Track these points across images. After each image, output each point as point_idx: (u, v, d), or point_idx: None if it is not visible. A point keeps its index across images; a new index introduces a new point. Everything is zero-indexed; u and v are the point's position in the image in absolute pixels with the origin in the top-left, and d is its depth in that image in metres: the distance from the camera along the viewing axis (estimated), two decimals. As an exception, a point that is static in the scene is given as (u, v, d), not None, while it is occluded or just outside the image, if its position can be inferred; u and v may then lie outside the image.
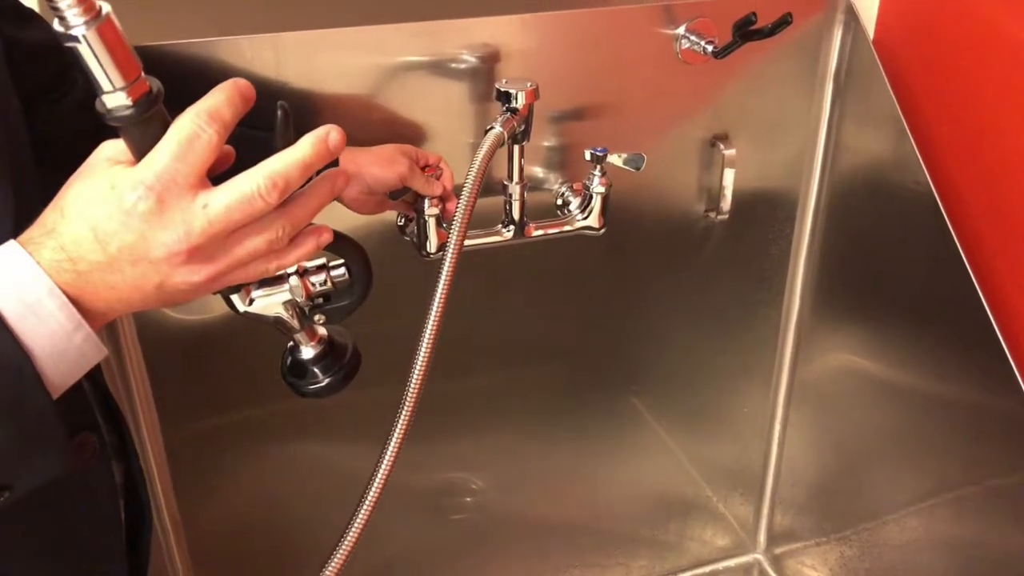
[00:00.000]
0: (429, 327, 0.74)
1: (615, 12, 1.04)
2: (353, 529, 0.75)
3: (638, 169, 0.97)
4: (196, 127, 0.46)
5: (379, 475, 0.74)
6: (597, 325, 1.27)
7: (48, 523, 0.60)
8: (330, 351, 0.66)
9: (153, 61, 0.48)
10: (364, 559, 1.33)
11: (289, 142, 0.49)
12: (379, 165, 0.90)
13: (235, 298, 0.58)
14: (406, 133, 1.02)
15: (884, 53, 1.10)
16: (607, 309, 1.26)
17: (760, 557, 1.54)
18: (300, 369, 0.66)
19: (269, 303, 0.59)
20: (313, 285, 0.60)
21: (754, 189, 1.21)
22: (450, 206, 0.95)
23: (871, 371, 1.25)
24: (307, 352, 0.65)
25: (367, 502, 0.75)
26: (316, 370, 0.65)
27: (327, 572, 0.77)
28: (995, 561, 1.08)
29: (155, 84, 0.47)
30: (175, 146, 0.46)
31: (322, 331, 0.66)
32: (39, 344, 0.46)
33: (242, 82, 0.48)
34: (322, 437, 1.21)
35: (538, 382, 1.29)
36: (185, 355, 1.08)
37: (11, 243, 0.47)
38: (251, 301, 0.59)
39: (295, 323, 0.62)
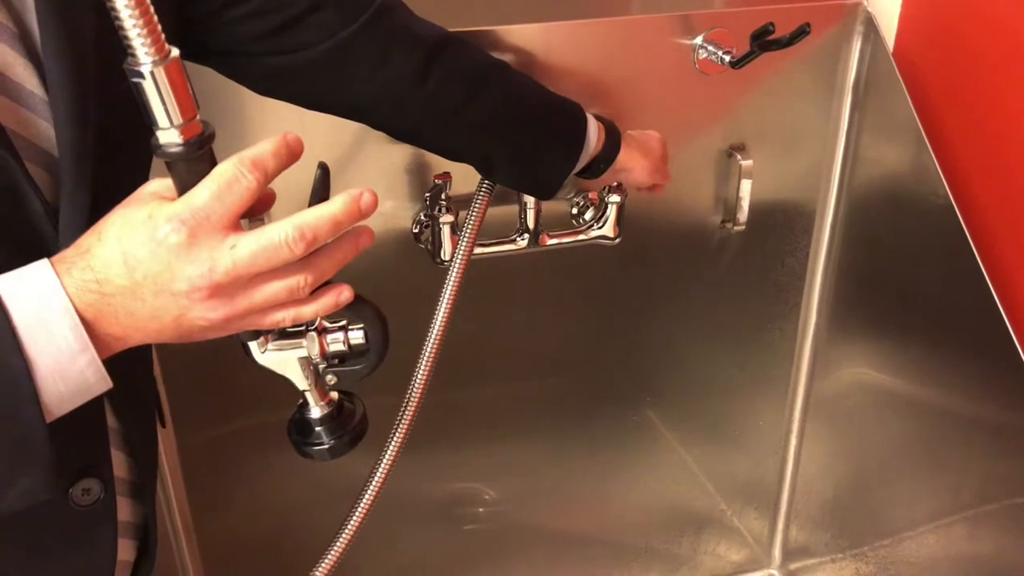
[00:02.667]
0: (436, 329, 0.74)
1: (634, 22, 1.05)
2: (344, 535, 0.75)
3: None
4: (237, 172, 0.48)
5: (375, 481, 0.74)
6: (612, 336, 1.27)
7: (39, 561, 0.60)
8: (338, 414, 0.66)
9: None
10: (376, 566, 1.34)
11: (324, 199, 0.51)
12: (648, 174, 0.96)
13: (253, 345, 0.59)
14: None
15: (904, 64, 1.10)
16: (622, 320, 1.26)
17: (775, 573, 1.52)
18: (306, 428, 0.66)
19: (284, 356, 0.60)
20: (329, 344, 0.60)
21: (771, 200, 1.21)
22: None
23: (888, 385, 1.24)
24: (315, 412, 0.65)
25: (359, 510, 0.75)
26: (321, 431, 0.65)
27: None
28: (1014, 578, 1.07)
29: (208, 127, 0.49)
30: (214, 186, 0.47)
31: (333, 394, 0.66)
32: (43, 360, 0.47)
33: (292, 136, 0.50)
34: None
35: (552, 393, 1.29)
36: (200, 363, 1.09)
37: (43, 261, 0.49)
38: (268, 353, 0.59)
39: (307, 381, 0.62)
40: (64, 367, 0.48)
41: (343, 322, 0.61)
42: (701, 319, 1.28)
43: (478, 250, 1.00)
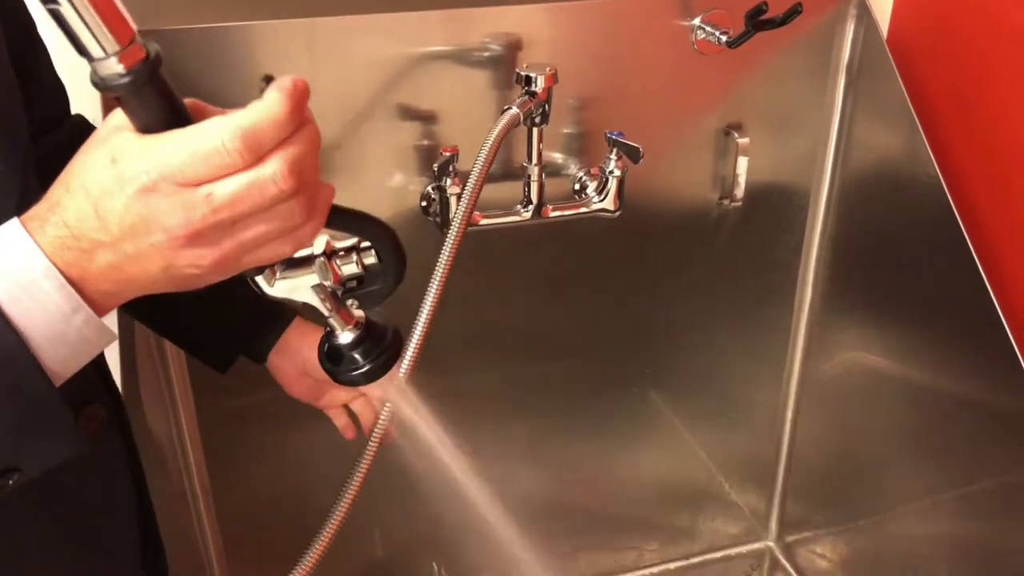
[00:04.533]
0: (435, 284, 0.75)
1: (634, 3, 1.07)
2: (337, 512, 0.76)
3: (635, 161, 1.00)
4: (224, 147, 0.42)
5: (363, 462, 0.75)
6: (611, 313, 1.29)
7: (62, 495, 0.59)
8: (368, 335, 0.61)
9: (181, 44, 0.48)
10: (383, 541, 1.37)
11: None
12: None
13: (260, 280, 0.55)
14: (428, 117, 1.06)
15: (897, 47, 1.12)
16: (621, 297, 1.28)
17: (772, 544, 1.55)
18: (337, 355, 0.61)
19: (295, 285, 0.56)
20: (341, 269, 0.56)
21: (767, 179, 1.23)
22: None
23: (881, 364, 1.26)
24: (344, 337, 0.61)
25: (351, 486, 0.76)
26: (355, 355, 0.61)
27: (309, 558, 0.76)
28: (1003, 554, 1.09)
29: (152, 48, 0.43)
30: (188, 155, 0.42)
31: (359, 314, 0.61)
32: (35, 328, 0.44)
33: (300, 81, 0.44)
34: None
35: (553, 370, 1.32)
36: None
37: (12, 221, 0.45)
38: (278, 286, 0.55)
39: (327, 307, 0.58)
40: (59, 331, 0.45)
41: (352, 242, 0.57)
42: (699, 295, 1.30)
43: (483, 221, 1.03)
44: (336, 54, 1.00)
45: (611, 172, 1.03)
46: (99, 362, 0.66)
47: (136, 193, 0.43)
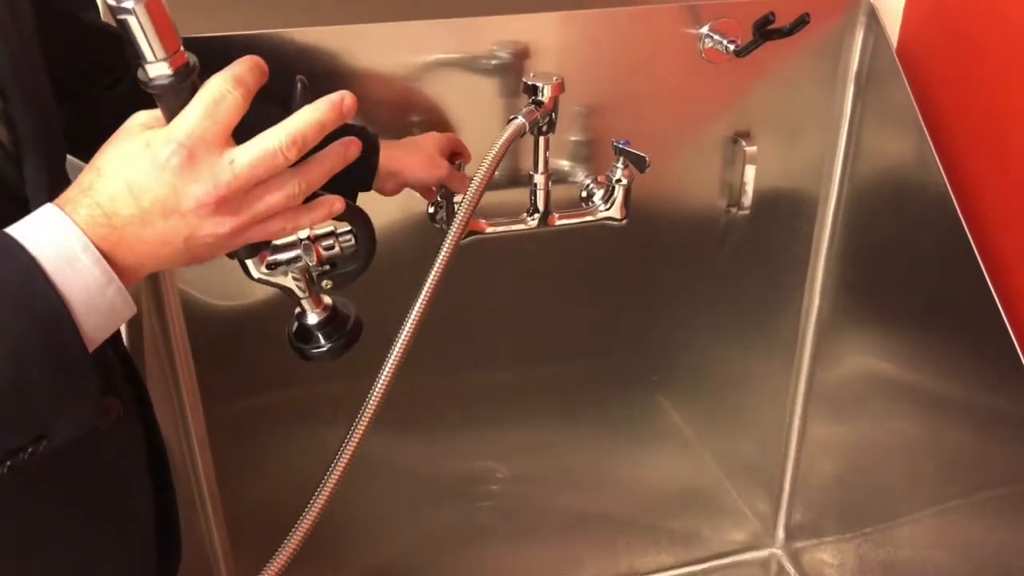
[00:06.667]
0: (429, 281, 0.77)
1: (641, 12, 1.08)
2: (317, 503, 0.78)
3: (641, 171, 1.00)
4: (223, 89, 0.50)
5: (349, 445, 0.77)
6: (620, 319, 1.29)
7: (77, 485, 0.62)
8: (334, 318, 0.69)
9: (199, 51, 0.53)
10: (390, 542, 1.38)
11: None
12: (422, 168, 0.97)
13: (250, 263, 0.62)
14: (437, 126, 1.06)
15: (906, 56, 1.12)
16: (630, 303, 1.28)
17: (778, 551, 1.54)
18: (305, 334, 0.69)
19: (281, 268, 0.63)
20: (324, 251, 0.63)
21: (775, 187, 1.23)
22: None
23: (888, 371, 1.26)
24: (312, 318, 0.69)
25: (332, 477, 0.78)
26: (320, 335, 0.69)
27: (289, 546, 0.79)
28: (1014, 563, 1.08)
29: (192, 58, 0.51)
30: (204, 107, 0.50)
31: (327, 299, 0.69)
32: (75, 295, 0.49)
33: (257, 57, 0.52)
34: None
35: (562, 375, 1.32)
36: (227, 337, 1.13)
37: (48, 204, 0.50)
38: (265, 267, 0.62)
39: (304, 289, 0.66)
40: (95, 299, 0.50)
41: (331, 227, 0.63)
42: (708, 302, 1.30)
43: (489, 229, 1.03)
44: (345, 62, 1.00)
45: (618, 180, 1.03)
46: (123, 355, 0.71)
47: (169, 166, 0.49)
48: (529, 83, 0.93)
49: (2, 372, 0.47)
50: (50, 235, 0.49)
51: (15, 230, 0.49)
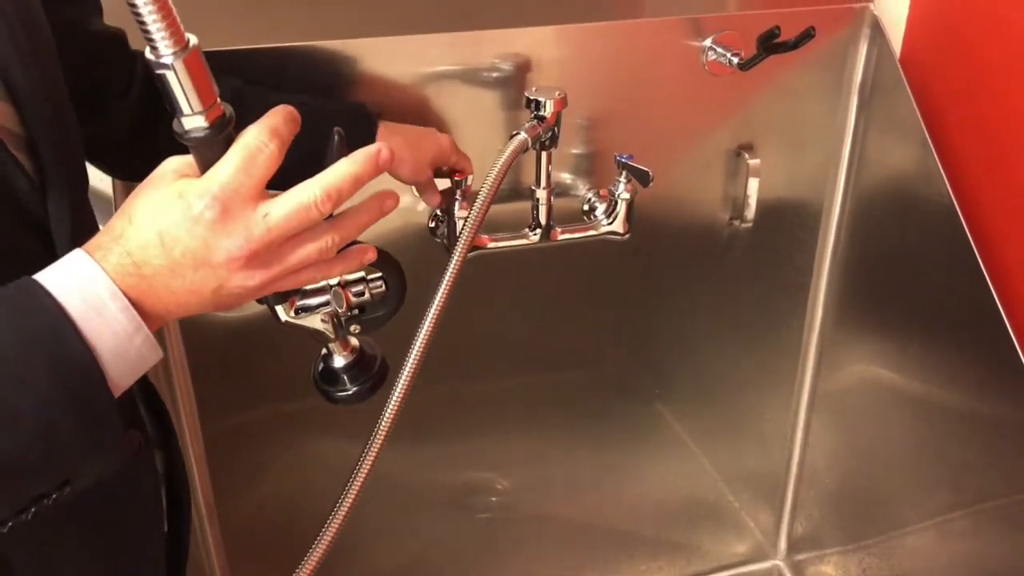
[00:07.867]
0: (431, 314, 0.77)
1: (644, 24, 1.07)
2: (334, 523, 0.77)
3: (644, 185, 1.00)
4: (259, 142, 0.50)
5: (363, 468, 0.76)
6: (622, 331, 1.29)
7: (93, 514, 0.62)
8: (360, 361, 0.69)
9: (209, 62, 0.52)
10: (390, 553, 1.37)
11: None
12: (408, 170, 0.95)
13: (279, 309, 0.62)
14: (439, 139, 1.05)
15: (910, 67, 1.12)
16: (632, 314, 1.28)
17: (780, 564, 1.54)
18: (332, 377, 0.69)
19: (310, 313, 0.63)
20: (353, 297, 0.64)
21: (779, 199, 1.23)
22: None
23: (892, 382, 1.26)
24: (339, 361, 0.69)
25: (348, 496, 0.77)
26: (346, 378, 0.69)
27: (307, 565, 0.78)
28: (1017, 574, 1.08)
29: (228, 109, 0.51)
30: (239, 160, 0.49)
31: (354, 342, 0.69)
32: (103, 344, 0.49)
33: (291, 107, 0.52)
34: (355, 434, 1.24)
35: (564, 386, 1.32)
36: (225, 351, 1.12)
37: (77, 251, 0.50)
38: (295, 312, 0.62)
39: (332, 332, 0.65)
40: (123, 347, 0.50)
41: (362, 273, 0.64)
42: (709, 314, 1.30)
43: (491, 244, 1.02)
44: (348, 75, 0.99)
45: (620, 195, 1.02)
46: (144, 383, 0.71)
47: (203, 219, 0.49)
48: (531, 98, 0.92)
49: (29, 422, 0.47)
50: (78, 282, 0.49)
51: (44, 277, 0.49)
